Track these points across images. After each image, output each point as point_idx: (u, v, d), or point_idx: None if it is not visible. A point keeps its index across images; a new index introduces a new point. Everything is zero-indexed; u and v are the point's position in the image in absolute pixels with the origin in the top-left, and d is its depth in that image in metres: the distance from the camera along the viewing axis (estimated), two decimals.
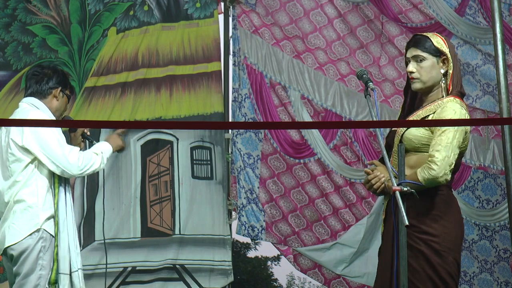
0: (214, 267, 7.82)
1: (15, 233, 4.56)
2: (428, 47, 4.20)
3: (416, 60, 4.21)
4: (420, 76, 4.19)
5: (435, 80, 4.19)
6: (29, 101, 4.81)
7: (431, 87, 4.21)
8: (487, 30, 7.86)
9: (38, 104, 4.79)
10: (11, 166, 4.63)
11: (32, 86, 4.84)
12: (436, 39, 4.22)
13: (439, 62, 4.19)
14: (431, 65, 4.18)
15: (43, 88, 4.83)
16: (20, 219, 4.57)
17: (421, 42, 4.23)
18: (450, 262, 3.99)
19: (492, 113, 8.00)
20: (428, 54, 4.19)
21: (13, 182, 4.62)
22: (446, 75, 4.19)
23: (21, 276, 4.54)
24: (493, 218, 8.05)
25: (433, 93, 4.21)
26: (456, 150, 4.01)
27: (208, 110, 8.06)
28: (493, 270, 8.04)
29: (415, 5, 8.10)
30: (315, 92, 8.15)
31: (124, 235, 7.76)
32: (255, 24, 8.21)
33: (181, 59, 8.13)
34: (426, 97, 4.24)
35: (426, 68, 4.19)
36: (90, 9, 8.10)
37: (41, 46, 7.97)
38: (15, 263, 4.56)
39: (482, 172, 8.13)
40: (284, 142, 8.10)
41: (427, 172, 3.98)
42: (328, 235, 8.05)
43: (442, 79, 4.19)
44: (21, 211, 4.58)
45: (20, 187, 4.60)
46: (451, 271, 4.00)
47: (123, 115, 7.92)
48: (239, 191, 8.02)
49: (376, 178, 4.12)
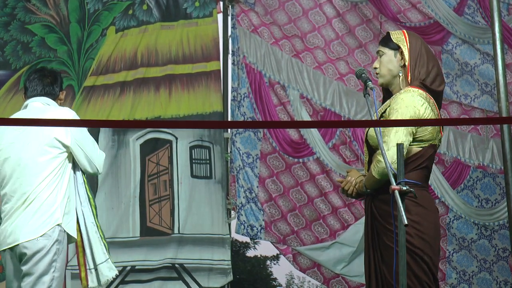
0: (213, 266, 7.82)
1: (33, 229, 4.53)
2: (387, 42, 4.27)
3: (379, 55, 4.29)
4: (380, 70, 4.26)
5: (393, 73, 4.23)
6: (44, 101, 4.82)
7: (391, 80, 4.25)
8: (485, 29, 7.87)
9: (53, 104, 4.82)
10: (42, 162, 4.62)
11: (46, 87, 4.85)
12: (396, 34, 4.29)
13: (397, 55, 4.23)
14: (388, 59, 4.23)
15: (55, 90, 4.87)
16: (39, 216, 4.55)
17: (383, 38, 4.33)
18: (425, 262, 4.00)
19: (491, 112, 8.01)
20: (386, 48, 4.25)
21: (36, 177, 4.60)
22: (405, 67, 4.22)
23: (34, 277, 4.51)
24: (492, 217, 8.05)
25: (394, 86, 4.25)
26: (404, 138, 4.00)
27: (207, 109, 8.06)
28: (492, 269, 8.04)
29: (414, 5, 8.11)
30: (314, 91, 8.16)
31: (123, 234, 7.77)
32: (254, 24, 8.21)
33: (180, 58, 8.13)
34: (391, 91, 4.28)
35: (383, 62, 4.25)
36: (89, 8, 8.10)
37: (40, 45, 7.97)
38: (27, 262, 4.52)
39: (481, 171, 8.14)
40: (283, 141, 8.10)
41: (376, 165, 4.03)
42: (327, 234, 8.06)
43: (400, 71, 4.21)
44: (41, 207, 4.57)
45: (43, 183, 4.60)
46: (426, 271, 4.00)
47: (122, 114, 7.92)
48: (238, 190, 8.02)
49: (348, 184, 4.22)
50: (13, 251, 4.58)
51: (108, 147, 7.87)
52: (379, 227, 4.09)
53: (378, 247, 4.11)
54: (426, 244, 4.01)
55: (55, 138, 4.63)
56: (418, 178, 4.06)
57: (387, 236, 4.05)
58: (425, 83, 4.16)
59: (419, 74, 4.18)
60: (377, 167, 4.02)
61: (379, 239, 4.10)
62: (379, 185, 4.06)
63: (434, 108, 4.13)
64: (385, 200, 4.07)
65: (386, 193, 4.05)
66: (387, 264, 4.05)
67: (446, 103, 8.09)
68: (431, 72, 4.20)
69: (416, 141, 4.08)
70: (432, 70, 4.21)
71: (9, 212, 4.62)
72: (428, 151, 4.12)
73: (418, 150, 4.08)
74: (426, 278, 4.01)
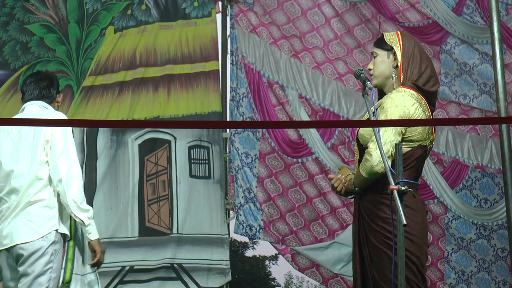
0: (212, 266, 7.82)
1: (31, 231, 4.53)
2: (380, 43, 4.30)
3: (373, 57, 4.33)
4: (373, 72, 4.29)
5: (386, 74, 4.26)
6: (40, 104, 4.83)
7: (384, 81, 4.27)
8: (484, 29, 7.87)
9: (51, 108, 4.83)
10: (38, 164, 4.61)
11: (43, 90, 4.86)
12: (389, 35, 4.31)
13: (390, 56, 4.25)
14: (381, 60, 4.27)
15: (52, 93, 4.88)
16: (37, 218, 4.55)
17: (377, 40, 4.36)
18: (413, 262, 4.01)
19: (490, 112, 8.01)
20: (380, 49, 4.29)
21: (34, 179, 4.60)
22: (398, 68, 4.23)
23: (30, 277, 4.51)
24: (490, 217, 8.06)
25: (388, 87, 4.27)
26: (392, 137, 4.01)
27: (206, 109, 8.06)
28: (491, 269, 8.05)
29: (413, 5, 8.11)
30: (312, 91, 8.16)
31: (122, 234, 7.77)
32: (253, 23, 8.21)
33: (179, 58, 8.13)
34: (385, 92, 4.30)
35: (377, 63, 4.29)
36: (88, 8, 8.09)
37: (39, 45, 7.97)
38: (23, 263, 4.52)
39: (480, 171, 8.14)
40: (282, 141, 8.10)
41: (364, 163, 4.05)
42: (326, 234, 8.06)
43: (393, 72, 4.21)
44: (39, 209, 4.57)
45: (42, 185, 4.60)
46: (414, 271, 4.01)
47: (121, 114, 7.92)
48: (237, 190, 8.02)
49: (338, 181, 4.24)
50: (10, 252, 4.58)
51: (106, 147, 7.87)
52: (367, 227, 4.11)
53: (367, 247, 4.12)
54: (413, 244, 4.03)
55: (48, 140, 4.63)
56: (407, 179, 4.06)
57: (375, 236, 4.07)
58: (418, 84, 4.18)
59: (411, 75, 4.20)
60: (365, 166, 4.04)
61: (367, 239, 4.12)
62: (367, 183, 4.09)
63: (425, 109, 4.14)
64: (372, 200, 4.10)
65: (373, 193, 4.08)
66: (376, 265, 4.07)
67: (445, 103, 8.09)
68: (424, 73, 4.22)
69: (405, 141, 4.08)
70: (425, 71, 4.22)
71: (6, 213, 4.62)
72: (417, 151, 4.13)
73: (407, 150, 4.08)
74: (414, 278, 4.02)
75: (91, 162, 7.79)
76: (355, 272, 4.21)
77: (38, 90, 4.88)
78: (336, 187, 4.26)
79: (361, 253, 4.16)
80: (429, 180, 8.00)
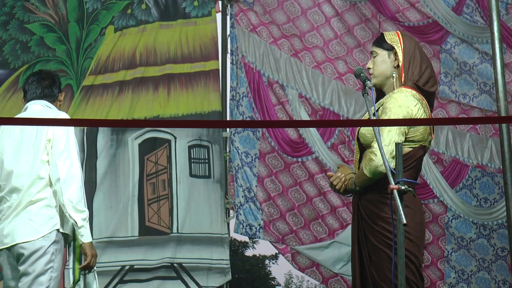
0: (212, 265, 7.82)
1: (32, 230, 4.53)
2: (380, 42, 4.30)
3: (372, 56, 4.33)
4: (373, 71, 4.28)
5: (387, 74, 4.26)
6: (43, 103, 4.83)
7: (384, 81, 4.27)
8: (484, 29, 7.87)
9: (54, 107, 4.83)
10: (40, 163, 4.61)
11: (45, 89, 4.86)
12: (390, 35, 4.32)
13: (391, 55, 4.25)
14: (382, 60, 4.27)
15: (54, 92, 4.88)
16: (38, 217, 4.55)
17: (377, 39, 4.37)
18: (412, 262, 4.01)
19: (490, 112, 8.01)
20: (380, 49, 4.30)
21: (36, 178, 4.60)
22: (399, 68, 4.23)
23: (31, 276, 4.51)
24: (490, 216, 8.06)
25: (388, 87, 4.27)
26: (396, 137, 4.01)
27: (206, 109, 8.06)
28: (491, 269, 8.05)
29: (413, 4, 8.11)
30: (312, 90, 8.16)
31: (122, 233, 7.77)
32: (253, 23, 8.21)
33: (178, 57, 8.13)
34: (384, 92, 4.30)
35: (377, 62, 4.29)
36: (87, 7, 8.09)
37: (39, 44, 7.97)
38: (24, 262, 4.52)
39: (480, 170, 8.14)
40: (282, 141, 8.10)
41: (368, 163, 4.04)
42: (326, 233, 8.06)
43: (394, 71, 4.21)
44: (40, 209, 4.56)
45: (43, 185, 4.59)
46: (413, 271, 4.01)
47: (121, 113, 7.92)
48: (237, 190, 8.02)
49: (337, 179, 4.22)
50: (10, 251, 4.58)
51: (106, 147, 7.87)
52: (366, 227, 4.12)
53: (366, 247, 4.12)
54: (412, 244, 4.03)
55: (50, 139, 4.63)
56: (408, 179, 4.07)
57: (374, 236, 4.07)
58: (418, 84, 4.19)
59: (412, 75, 4.20)
60: (369, 165, 4.03)
61: (366, 239, 4.12)
62: (369, 183, 4.09)
63: (426, 109, 4.15)
64: (371, 200, 4.10)
65: (373, 193, 4.07)
66: (375, 265, 4.07)
67: (445, 102, 8.09)
68: (424, 73, 4.23)
69: (407, 142, 4.09)
70: (425, 71, 4.23)
71: (7, 212, 4.62)
72: (418, 152, 4.14)
73: (409, 151, 4.09)
74: (413, 278, 4.02)
75: (91, 162, 7.79)
76: (354, 272, 4.20)
77: (40, 89, 4.88)
78: (335, 185, 4.25)
79: (360, 252, 4.16)
80: (429, 179, 8.00)
